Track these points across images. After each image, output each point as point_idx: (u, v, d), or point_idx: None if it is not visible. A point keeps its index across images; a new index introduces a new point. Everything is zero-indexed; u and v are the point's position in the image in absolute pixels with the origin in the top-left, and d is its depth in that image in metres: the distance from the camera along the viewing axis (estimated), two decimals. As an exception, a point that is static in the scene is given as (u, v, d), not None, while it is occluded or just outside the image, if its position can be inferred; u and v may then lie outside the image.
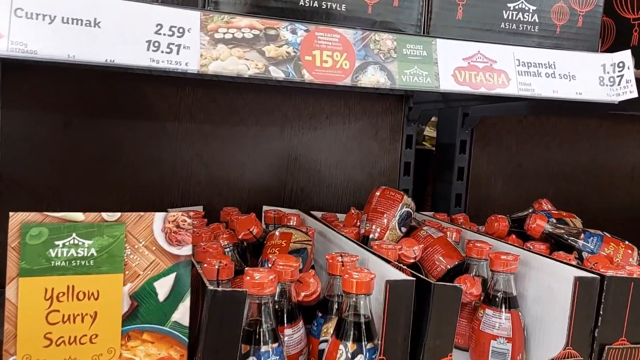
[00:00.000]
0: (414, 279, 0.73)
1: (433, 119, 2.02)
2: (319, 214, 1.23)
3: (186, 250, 0.66)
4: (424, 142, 2.12)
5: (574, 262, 0.90)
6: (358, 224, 1.09)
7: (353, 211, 1.13)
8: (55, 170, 1.21)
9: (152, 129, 1.27)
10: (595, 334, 0.80)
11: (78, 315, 0.61)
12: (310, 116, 1.38)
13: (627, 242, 0.97)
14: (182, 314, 0.65)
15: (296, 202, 1.39)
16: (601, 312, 0.79)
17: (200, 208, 1.22)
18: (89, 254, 0.61)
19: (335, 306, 0.82)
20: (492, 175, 1.53)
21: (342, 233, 1.01)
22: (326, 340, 0.79)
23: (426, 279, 0.74)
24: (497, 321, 0.88)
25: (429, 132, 2.19)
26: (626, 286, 0.80)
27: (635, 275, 0.82)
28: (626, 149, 1.64)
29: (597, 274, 0.80)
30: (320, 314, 0.83)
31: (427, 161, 1.66)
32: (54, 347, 0.60)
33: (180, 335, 0.65)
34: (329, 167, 1.41)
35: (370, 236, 1.02)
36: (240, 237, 0.97)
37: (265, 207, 1.28)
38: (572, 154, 1.60)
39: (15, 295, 0.59)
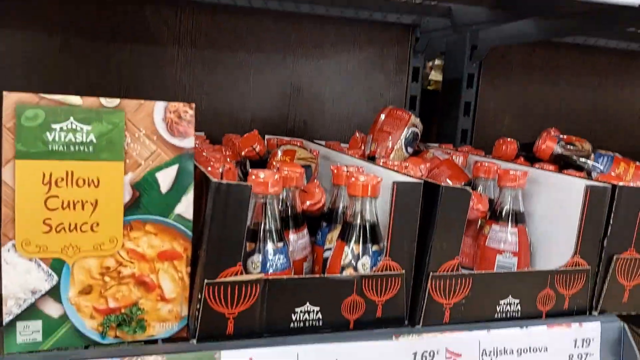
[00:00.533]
0: (422, 180, 0.71)
1: (437, 62, 1.96)
2: (322, 142, 1.20)
3: (188, 142, 0.63)
4: (428, 87, 2.08)
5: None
6: (363, 147, 1.07)
7: (357, 134, 1.11)
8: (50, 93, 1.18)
9: (151, 54, 1.24)
10: (604, 244, 0.78)
11: (78, 202, 0.59)
12: (314, 44, 1.34)
13: (638, 163, 0.95)
14: (185, 207, 0.64)
15: (299, 135, 1.36)
16: (611, 222, 0.78)
17: (201, 134, 1.20)
18: (87, 140, 0.59)
19: (340, 216, 0.81)
20: (500, 111, 1.50)
21: (347, 154, 0.99)
22: (330, 249, 0.77)
23: (434, 181, 0.72)
24: (503, 236, 0.86)
25: (435, 76, 2.14)
26: (638, 197, 0.78)
27: (647, 188, 0.80)
28: (635, 86, 1.61)
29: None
30: (324, 224, 0.82)
31: (432, 103, 1.63)
32: (53, 234, 0.59)
33: (183, 228, 0.64)
34: (332, 98, 1.37)
35: (376, 156, 0.99)
36: (243, 154, 0.95)
37: (267, 136, 1.26)
38: (581, 91, 1.56)
39: (11, 178, 0.57)
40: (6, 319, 0.59)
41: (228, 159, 0.95)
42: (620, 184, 0.78)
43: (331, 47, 1.35)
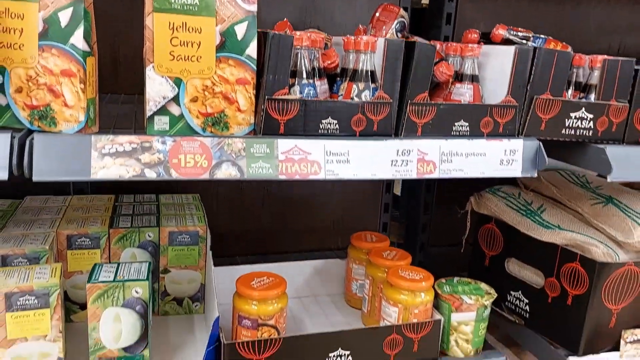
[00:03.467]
0: (404, 40, 1.07)
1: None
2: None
3: (253, 7, 0.99)
4: (422, 5, 2.40)
5: (521, 51, 1.24)
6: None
7: (360, 26, 1.45)
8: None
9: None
10: (528, 88, 1.15)
11: (189, 42, 0.96)
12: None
13: (564, 43, 1.31)
14: (252, 49, 0.99)
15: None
16: (532, 73, 1.14)
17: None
18: (194, 2, 0.95)
19: (349, 72, 1.17)
20: (475, 21, 1.84)
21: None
22: (342, 94, 1.15)
23: (412, 40, 1.08)
24: (462, 91, 1.23)
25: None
26: (551, 56, 1.14)
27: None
28: (588, 6, 1.94)
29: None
30: (339, 79, 1.19)
31: (422, 18, 1.96)
32: (175, 61, 0.95)
33: (251, 63, 1.00)
34: (339, 10, 1.71)
35: (374, 40, 1.35)
36: (277, 36, 1.30)
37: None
38: (542, 6, 1.89)
39: (151, 24, 0.93)
40: (148, 114, 0.97)
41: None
42: (539, 48, 1.14)
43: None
